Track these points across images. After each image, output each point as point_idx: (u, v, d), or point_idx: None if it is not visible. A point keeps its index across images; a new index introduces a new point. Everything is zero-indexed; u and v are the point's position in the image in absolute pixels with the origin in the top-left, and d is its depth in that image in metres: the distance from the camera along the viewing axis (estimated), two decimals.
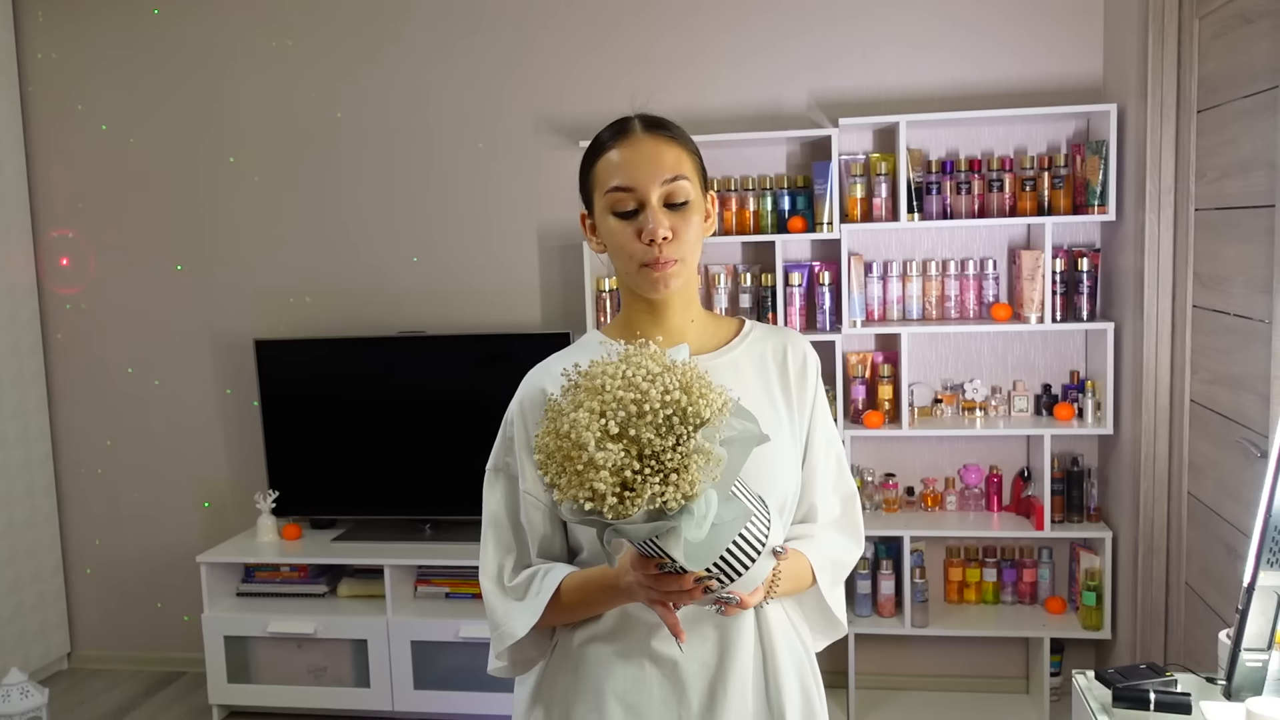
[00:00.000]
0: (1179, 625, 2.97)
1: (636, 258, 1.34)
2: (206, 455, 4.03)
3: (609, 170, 1.34)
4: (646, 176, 1.32)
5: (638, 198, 1.33)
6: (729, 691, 1.34)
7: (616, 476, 1.10)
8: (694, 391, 1.12)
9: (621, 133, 1.36)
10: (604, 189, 1.35)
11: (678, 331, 1.41)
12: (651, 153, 1.33)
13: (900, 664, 3.67)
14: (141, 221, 3.98)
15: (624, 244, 1.34)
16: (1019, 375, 3.51)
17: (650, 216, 1.32)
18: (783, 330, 1.50)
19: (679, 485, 1.09)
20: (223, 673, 3.61)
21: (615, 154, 1.34)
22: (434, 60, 3.74)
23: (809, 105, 3.54)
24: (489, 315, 3.77)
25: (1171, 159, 2.92)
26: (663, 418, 1.11)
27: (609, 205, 1.34)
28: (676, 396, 1.11)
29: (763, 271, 3.48)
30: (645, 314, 1.41)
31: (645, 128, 1.35)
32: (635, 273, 1.36)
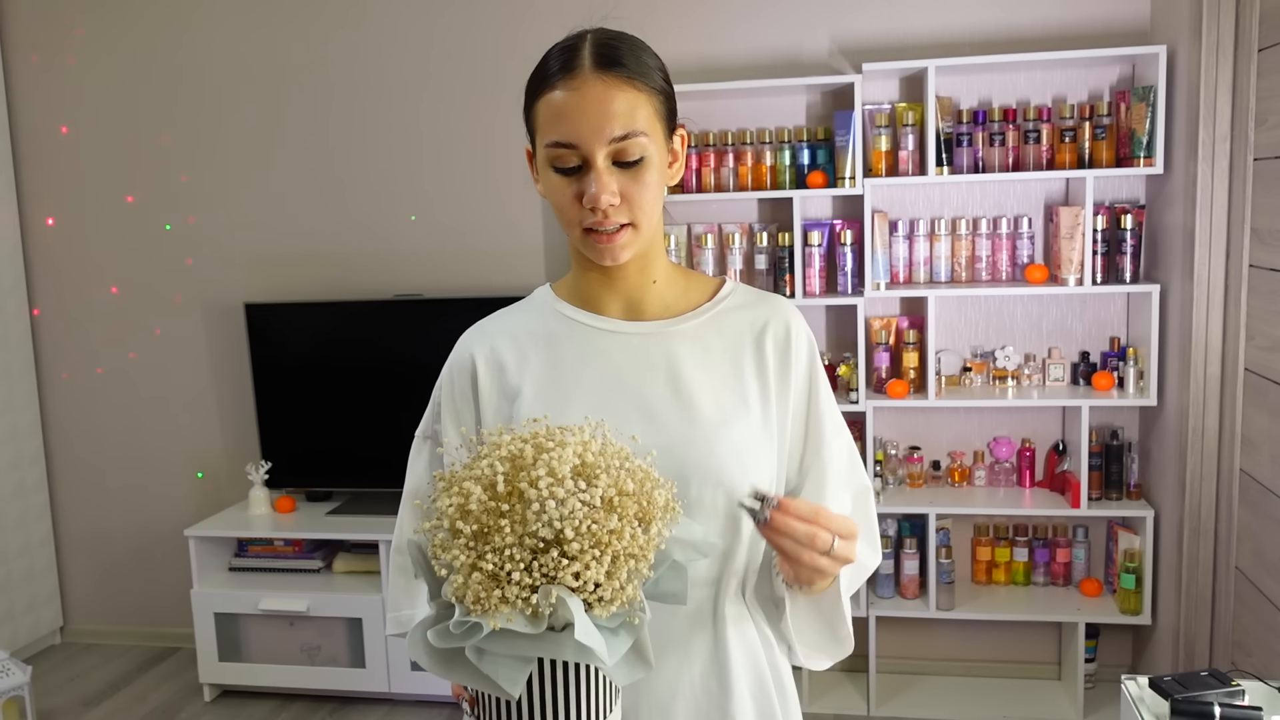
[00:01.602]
0: (1227, 612, 2.75)
1: (577, 222, 1.12)
2: (198, 424, 3.87)
3: (550, 116, 1.10)
4: (591, 132, 1.08)
5: (581, 155, 1.10)
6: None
7: (458, 511, 0.90)
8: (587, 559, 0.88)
9: (568, 68, 1.10)
10: (544, 139, 1.11)
11: (636, 296, 1.20)
12: (600, 102, 1.08)
13: (924, 647, 3.47)
14: (129, 181, 3.80)
15: (563, 207, 1.12)
16: (1055, 342, 3.27)
17: (594, 179, 1.08)
18: (768, 298, 1.25)
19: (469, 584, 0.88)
20: (214, 650, 3.47)
21: (559, 96, 1.10)
22: (432, 9, 3.52)
23: (830, 51, 3.29)
24: (490, 277, 3.57)
25: (1227, 104, 2.67)
26: (534, 532, 0.89)
27: (549, 159, 1.11)
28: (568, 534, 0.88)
29: (780, 230, 3.26)
30: (597, 276, 1.20)
31: (596, 65, 1.09)
32: (579, 238, 1.14)
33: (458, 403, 1.23)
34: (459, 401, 1.23)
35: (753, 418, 1.17)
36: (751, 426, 1.16)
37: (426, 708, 3.40)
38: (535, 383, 1.19)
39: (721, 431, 1.13)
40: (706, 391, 1.16)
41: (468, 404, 1.22)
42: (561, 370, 1.19)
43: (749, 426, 1.16)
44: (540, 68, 1.15)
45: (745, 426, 1.16)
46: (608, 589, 0.88)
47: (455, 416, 1.23)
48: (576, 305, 1.23)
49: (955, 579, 3.26)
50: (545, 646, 0.88)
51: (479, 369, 1.21)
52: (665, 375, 1.17)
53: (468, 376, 1.22)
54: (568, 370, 1.19)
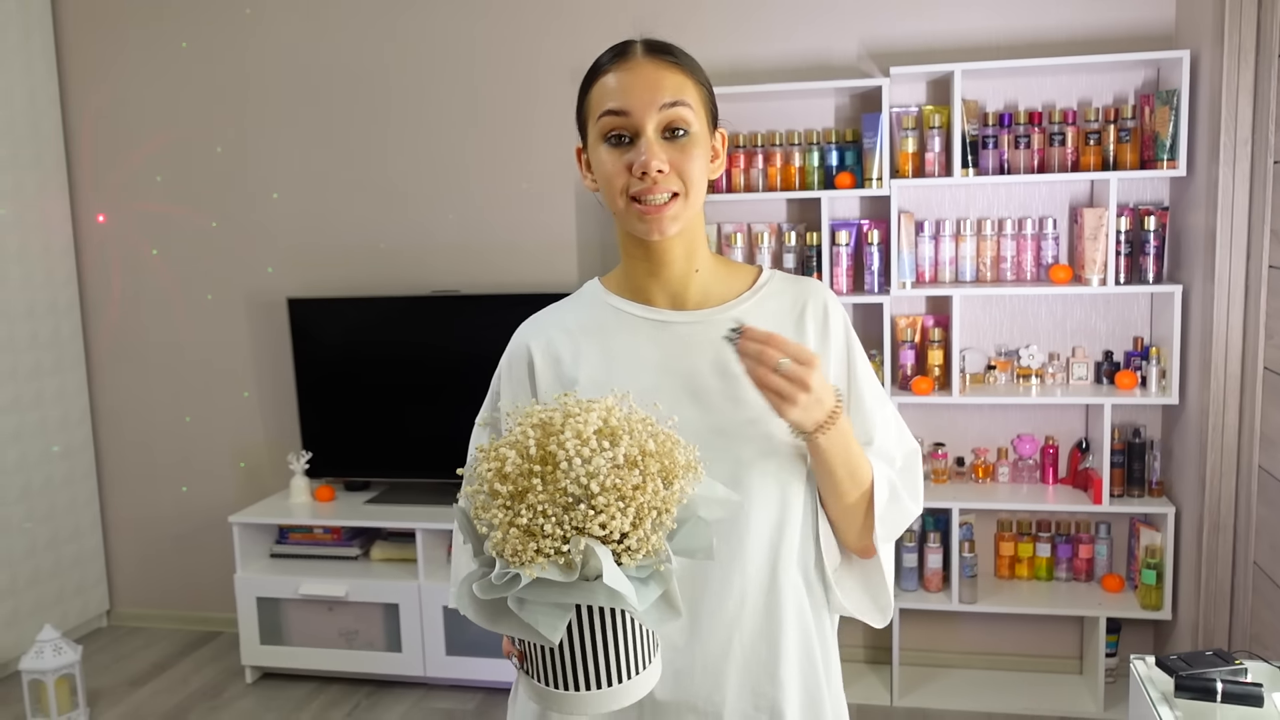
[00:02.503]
0: (1245, 607, 2.79)
1: (624, 189, 1.20)
2: (241, 415, 3.99)
3: (603, 94, 1.21)
4: (643, 101, 1.18)
5: (632, 125, 1.18)
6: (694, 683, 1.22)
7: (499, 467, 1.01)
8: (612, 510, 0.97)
9: (620, 55, 1.22)
10: (597, 114, 1.21)
11: (679, 283, 1.28)
12: (651, 76, 1.19)
13: (947, 640, 3.53)
14: (176, 179, 3.93)
15: (612, 175, 1.20)
16: (1078, 341, 3.33)
17: (644, 146, 1.17)
18: (803, 280, 1.33)
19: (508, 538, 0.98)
20: (255, 634, 3.58)
21: (611, 78, 1.20)
22: (473, 13, 3.62)
23: (859, 54, 3.36)
24: (525, 274, 3.67)
25: (1249, 108, 2.72)
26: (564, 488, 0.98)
27: (601, 131, 1.20)
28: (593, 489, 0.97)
29: (808, 230, 3.33)
30: (645, 267, 1.28)
31: (647, 51, 1.21)
32: (625, 210, 1.21)
33: (515, 390, 1.30)
34: (516, 389, 1.30)
35: None
36: None
37: (461, 691, 3.50)
38: (590, 372, 1.26)
39: (768, 415, 1.19)
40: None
41: (525, 392, 1.29)
42: (614, 359, 1.26)
43: None
44: (592, 67, 1.25)
45: None
46: (633, 539, 0.97)
47: (511, 401, 1.29)
48: (626, 297, 1.30)
49: (978, 573, 3.32)
50: (578, 593, 0.97)
51: (536, 360, 1.29)
52: (712, 361, 1.24)
53: (525, 366, 1.29)
54: (620, 359, 1.26)
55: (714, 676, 1.21)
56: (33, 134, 3.82)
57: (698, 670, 1.21)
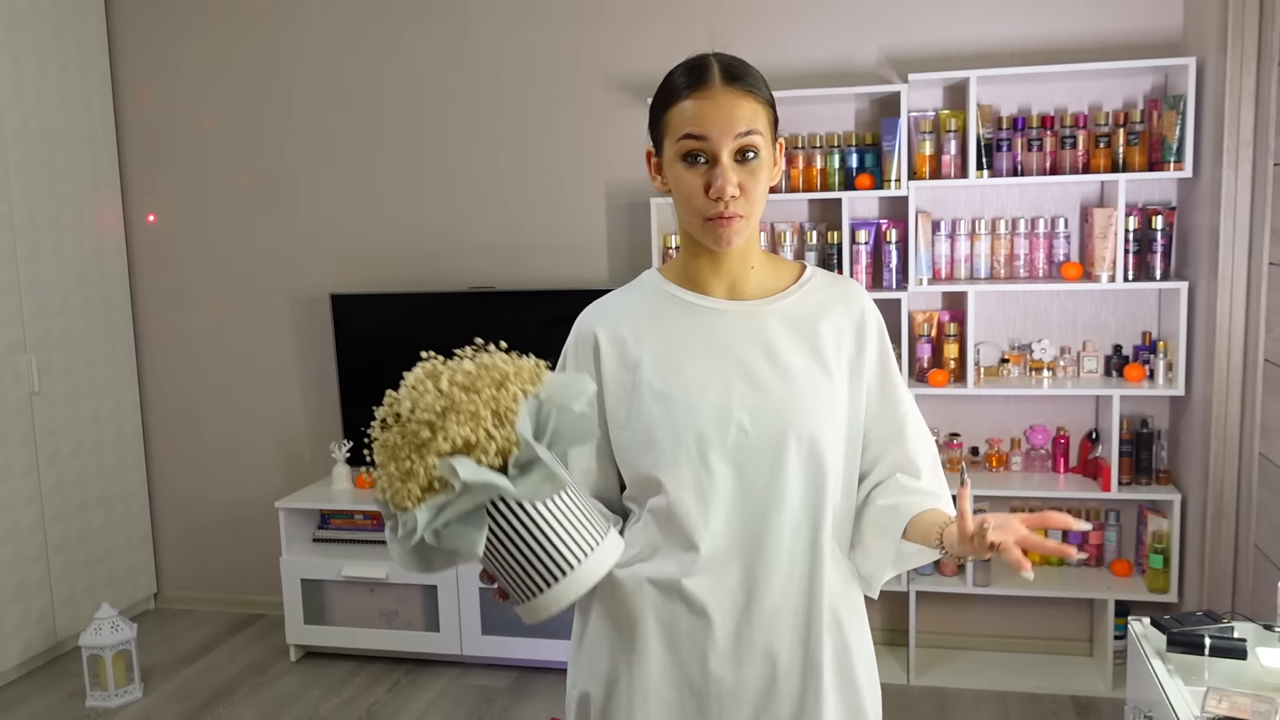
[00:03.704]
0: (1247, 587, 2.93)
1: (701, 211, 1.35)
2: (285, 405, 4.17)
3: (682, 119, 1.34)
4: (720, 131, 1.31)
5: (710, 150, 1.32)
6: (754, 633, 1.37)
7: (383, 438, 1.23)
8: (440, 433, 1.17)
9: (700, 82, 1.34)
10: (676, 135, 1.34)
11: (737, 279, 1.43)
12: (728, 106, 1.32)
13: (961, 622, 3.67)
14: (224, 179, 4.11)
15: (690, 195, 1.35)
16: (1089, 335, 3.46)
17: (720, 172, 1.31)
18: (844, 281, 1.48)
19: (391, 486, 1.19)
20: (299, 614, 3.75)
21: (690, 104, 1.33)
22: (509, 18, 3.78)
23: (878, 61, 3.51)
24: (557, 271, 3.82)
25: (1251, 113, 2.85)
26: (411, 430, 1.19)
27: (679, 152, 1.34)
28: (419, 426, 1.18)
29: (829, 229, 3.48)
30: (705, 261, 1.43)
31: (724, 80, 1.33)
32: (699, 225, 1.36)
33: (580, 368, 1.44)
34: (583, 370, 1.43)
35: (835, 383, 1.40)
36: (834, 390, 1.40)
37: (496, 670, 3.66)
38: (653, 354, 1.41)
39: (810, 395, 1.36)
40: (797, 360, 1.38)
41: (591, 374, 1.42)
42: (675, 343, 1.41)
43: (832, 390, 1.39)
44: (669, 83, 1.39)
45: (829, 390, 1.39)
46: (480, 440, 1.16)
47: None
48: (684, 286, 1.45)
49: (992, 558, 3.44)
50: (464, 500, 1.16)
51: (601, 343, 1.43)
52: (763, 347, 1.40)
53: (590, 349, 1.43)
54: (680, 342, 1.41)
55: (770, 622, 1.37)
56: (89, 140, 4.01)
57: (755, 619, 1.37)
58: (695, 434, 1.36)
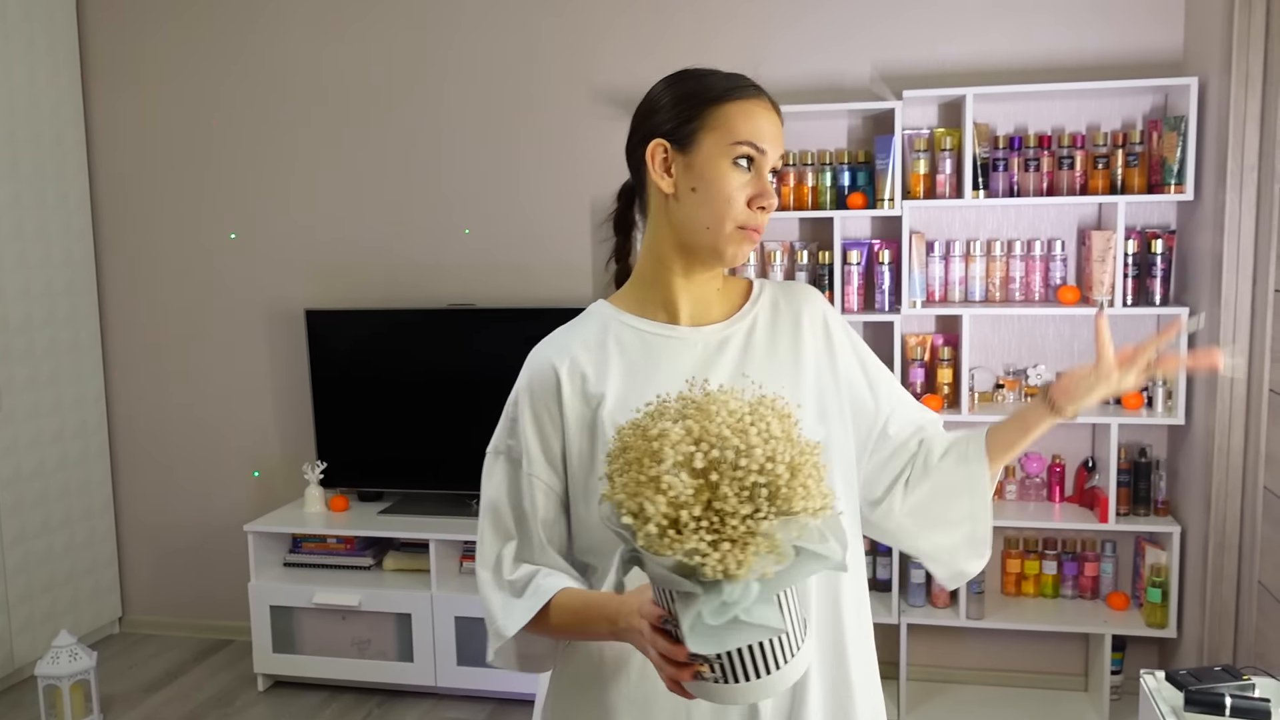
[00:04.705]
0: (1250, 626, 2.83)
1: (738, 218, 1.27)
2: (257, 424, 4.04)
3: (747, 120, 1.27)
4: (775, 147, 1.29)
5: (759, 161, 1.27)
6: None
7: (672, 509, 0.98)
8: (800, 478, 1.00)
9: (757, 91, 1.31)
10: (734, 136, 1.26)
11: (703, 301, 1.35)
12: (778, 125, 1.31)
13: (954, 656, 3.57)
14: (196, 190, 3.99)
15: (734, 198, 1.26)
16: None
17: (766, 184, 1.27)
18: (794, 285, 1.42)
19: (726, 557, 0.96)
20: (268, 642, 3.62)
21: (754, 107, 1.28)
22: (493, 32, 3.68)
23: (872, 77, 3.42)
24: (540, 289, 3.71)
25: (1256, 135, 2.77)
26: (751, 483, 0.98)
27: (732, 153, 1.26)
28: (779, 471, 0.98)
29: (820, 249, 3.38)
30: (680, 279, 1.33)
31: (771, 103, 1.32)
32: (726, 231, 1.27)
33: (539, 413, 1.31)
34: (540, 412, 1.30)
35: (821, 385, 1.33)
36: (821, 397, 1.32)
37: (471, 702, 3.53)
38: (615, 389, 1.29)
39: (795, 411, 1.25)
40: (770, 377, 1.28)
41: (550, 413, 1.30)
42: (638, 376, 1.30)
43: (817, 400, 1.32)
44: (718, 79, 1.31)
45: (813, 402, 1.31)
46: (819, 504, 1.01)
47: (537, 427, 1.30)
48: (642, 314, 1.34)
49: (985, 590, 3.36)
50: (795, 572, 1.00)
51: (562, 378, 1.30)
52: (732, 370, 1.30)
53: (551, 386, 1.30)
54: (643, 376, 1.30)
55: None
56: (56, 145, 3.88)
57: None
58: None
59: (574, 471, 1.30)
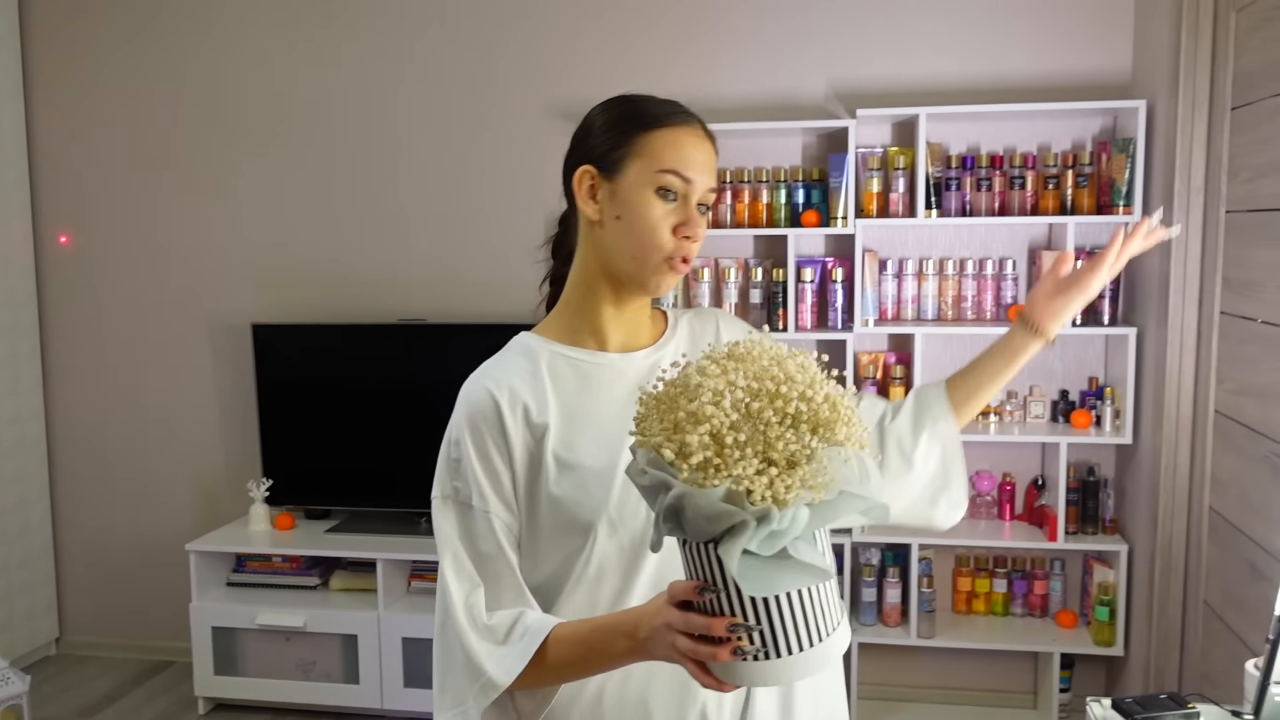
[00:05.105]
0: (1196, 645, 2.85)
1: (664, 249, 1.24)
2: (201, 441, 3.95)
3: (674, 149, 1.24)
4: (704, 176, 1.26)
5: (686, 190, 1.25)
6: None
7: (715, 442, 0.96)
8: (840, 415, 0.99)
9: (688, 117, 1.28)
10: (658, 165, 1.24)
11: (633, 329, 1.33)
12: (709, 153, 1.28)
13: (905, 675, 3.56)
14: (140, 200, 3.90)
15: (657, 229, 1.24)
16: (1036, 380, 3.39)
17: (694, 215, 1.25)
18: (705, 311, 1.43)
19: (775, 482, 0.94)
20: (209, 664, 3.53)
21: (683, 135, 1.26)
22: (448, 46, 3.64)
23: (826, 95, 3.42)
24: (492, 304, 3.67)
25: (1202, 158, 2.80)
26: (795, 409, 0.97)
27: (656, 182, 1.24)
28: (819, 405, 0.98)
29: (774, 266, 3.37)
30: (609, 306, 1.30)
31: (702, 125, 1.29)
32: (651, 261, 1.24)
33: (484, 448, 1.24)
34: (486, 446, 1.24)
35: None
36: None
37: None
38: (556, 419, 1.25)
39: None
40: None
41: (497, 446, 1.24)
42: (575, 406, 1.26)
43: None
44: (644, 106, 1.28)
45: None
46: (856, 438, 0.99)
47: (484, 463, 1.24)
48: (572, 343, 1.31)
49: (936, 608, 3.35)
50: (843, 506, 0.96)
51: (504, 409, 1.24)
52: None
53: (493, 418, 1.24)
54: (581, 406, 1.26)
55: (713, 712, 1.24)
56: None
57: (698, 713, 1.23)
58: (615, 505, 1.21)
59: (521, 503, 1.25)
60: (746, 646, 0.97)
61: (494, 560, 1.23)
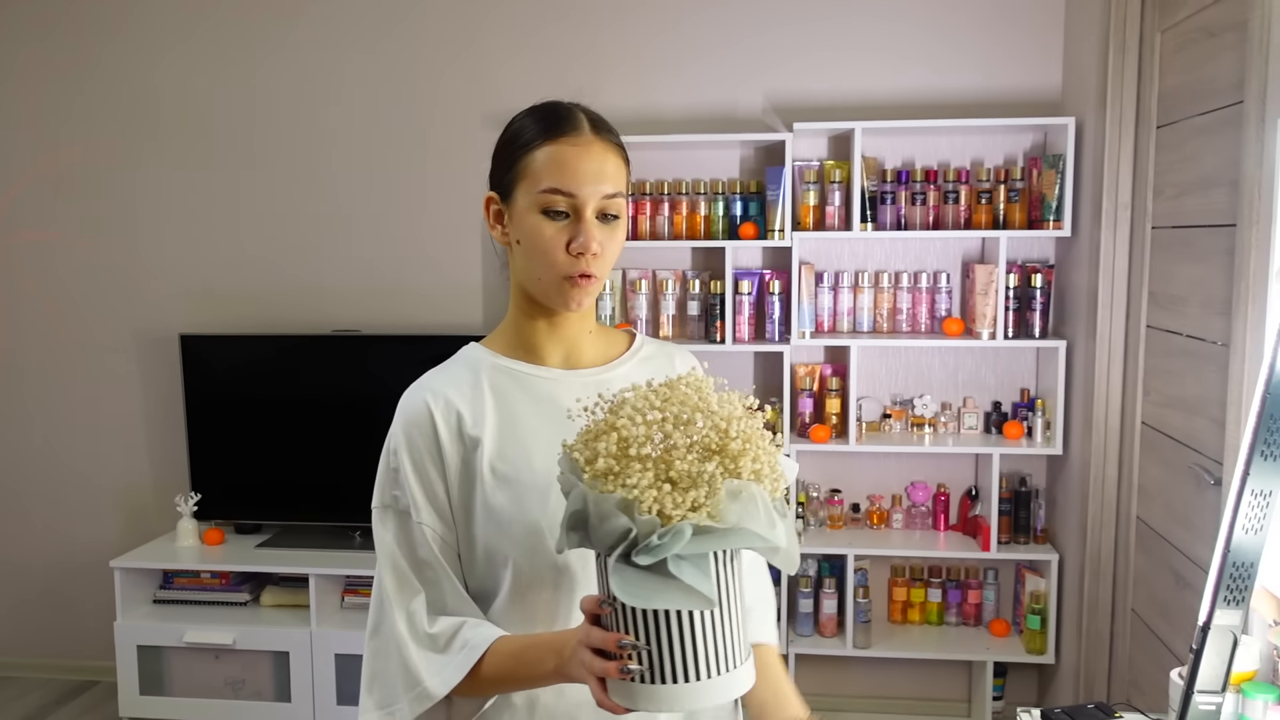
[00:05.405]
0: (1124, 653, 2.90)
1: (559, 269, 1.21)
2: (126, 454, 3.85)
3: (551, 166, 1.20)
4: (590, 186, 1.20)
5: (574, 205, 1.20)
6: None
7: (622, 453, 1.01)
8: (751, 450, 1.02)
9: (567, 129, 1.22)
10: (539, 185, 1.21)
11: (574, 345, 1.31)
12: (599, 159, 1.21)
13: (841, 685, 3.58)
14: (60, 208, 3.79)
15: (549, 250, 1.21)
16: (969, 392, 3.43)
17: (584, 229, 1.20)
18: (670, 347, 1.42)
19: (664, 496, 0.98)
20: (135, 684, 3.43)
21: (560, 150, 1.21)
22: (381, 53, 3.59)
23: (764, 109, 3.44)
24: (429, 316, 3.63)
25: (1129, 175, 2.86)
26: (703, 436, 1.03)
27: (540, 203, 1.21)
28: (732, 433, 1.02)
29: (712, 278, 3.38)
30: (542, 325, 1.29)
31: (593, 128, 1.23)
32: (553, 283, 1.23)
33: (419, 458, 1.24)
34: (421, 456, 1.24)
35: None
36: None
37: None
38: (492, 433, 1.24)
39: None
40: None
41: (432, 456, 1.24)
42: (515, 419, 1.25)
43: None
44: (526, 125, 1.25)
45: None
46: (767, 481, 1.03)
47: (419, 473, 1.24)
48: (516, 357, 1.30)
49: (872, 618, 3.38)
50: (724, 539, 0.98)
51: (437, 419, 1.24)
52: None
53: (428, 430, 1.24)
54: (521, 419, 1.25)
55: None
56: None
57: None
58: (548, 519, 1.20)
59: (456, 514, 1.25)
60: (632, 666, 0.99)
61: (432, 567, 1.24)
